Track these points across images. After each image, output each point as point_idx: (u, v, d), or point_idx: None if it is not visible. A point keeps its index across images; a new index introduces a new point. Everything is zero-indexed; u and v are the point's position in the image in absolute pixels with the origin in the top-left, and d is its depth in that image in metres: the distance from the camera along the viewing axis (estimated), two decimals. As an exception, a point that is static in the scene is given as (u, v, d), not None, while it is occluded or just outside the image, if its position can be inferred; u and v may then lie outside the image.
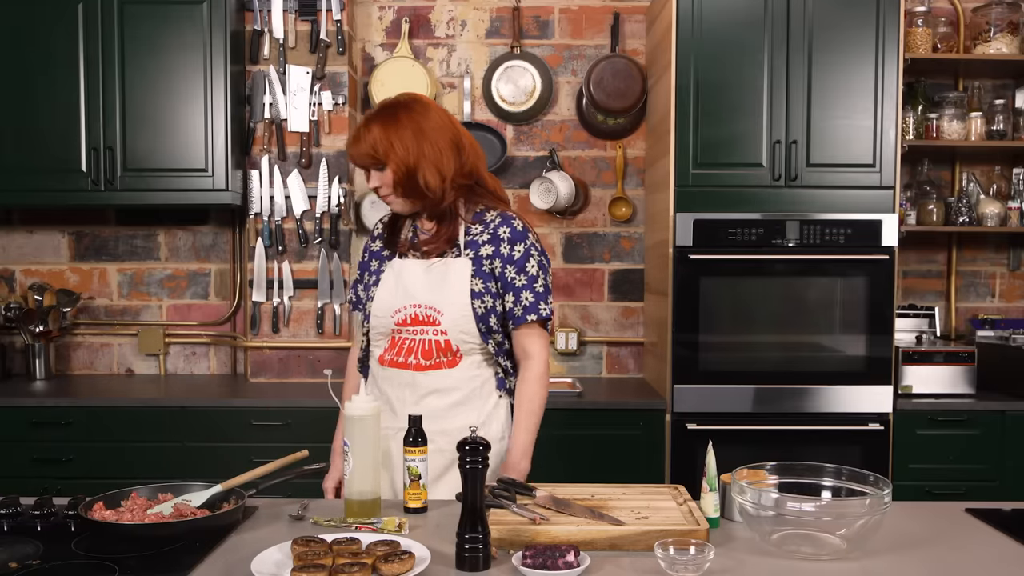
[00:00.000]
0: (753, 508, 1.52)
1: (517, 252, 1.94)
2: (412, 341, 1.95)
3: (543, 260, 1.98)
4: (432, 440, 1.83)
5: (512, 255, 1.93)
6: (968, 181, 3.59)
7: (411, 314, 1.94)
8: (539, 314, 1.93)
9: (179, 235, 3.72)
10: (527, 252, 1.94)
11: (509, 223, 1.96)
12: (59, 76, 3.26)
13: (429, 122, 1.90)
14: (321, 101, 3.46)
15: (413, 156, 1.87)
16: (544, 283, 1.96)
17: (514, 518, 1.58)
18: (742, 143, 3.09)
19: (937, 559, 1.51)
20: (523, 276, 1.94)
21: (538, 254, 1.97)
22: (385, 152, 1.87)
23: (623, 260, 3.72)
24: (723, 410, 3.10)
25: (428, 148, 1.88)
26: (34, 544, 1.54)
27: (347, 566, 1.35)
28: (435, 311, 1.92)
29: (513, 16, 3.65)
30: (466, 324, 1.91)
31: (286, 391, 3.28)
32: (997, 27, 3.40)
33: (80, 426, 3.10)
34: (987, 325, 3.53)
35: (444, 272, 1.94)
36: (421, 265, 1.96)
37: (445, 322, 1.91)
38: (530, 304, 1.93)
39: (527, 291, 1.93)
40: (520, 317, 1.94)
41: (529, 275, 1.94)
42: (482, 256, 1.94)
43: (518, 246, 1.94)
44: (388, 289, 1.97)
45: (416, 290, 1.94)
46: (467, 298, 1.91)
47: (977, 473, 3.14)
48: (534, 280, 1.94)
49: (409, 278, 1.96)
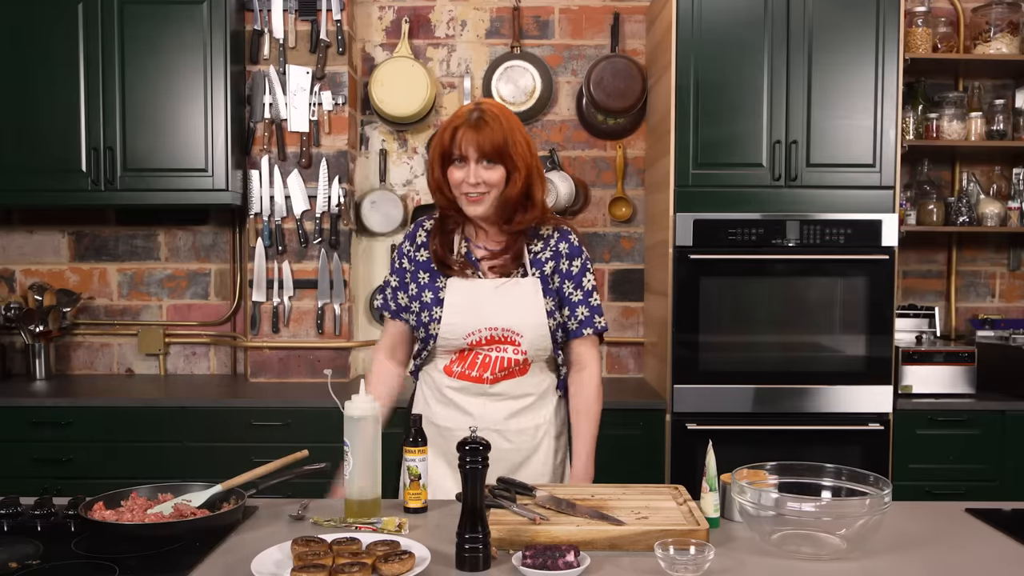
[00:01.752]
0: (753, 508, 1.52)
1: (575, 267, 1.98)
2: (488, 357, 1.95)
3: (593, 276, 2.02)
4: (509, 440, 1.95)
5: (571, 270, 1.98)
6: (968, 181, 3.59)
7: (487, 336, 1.93)
8: (595, 327, 1.99)
9: (179, 235, 3.72)
10: (583, 267, 1.99)
11: (567, 238, 1.99)
12: (59, 76, 3.26)
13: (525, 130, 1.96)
14: (321, 101, 3.46)
15: (533, 159, 1.91)
16: (597, 296, 2.01)
17: (514, 518, 1.58)
18: (742, 143, 3.09)
19: (937, 559, 1.51)
20: (579, 291, 1.98)
21: (591, 268, 2.01)
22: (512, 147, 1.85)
23: (623, 260, 3.72)
24: (723, 410, 3.10)
25: (537, 156, 1.95)
26: (34, 544, 1.54)
27: (347, 566, 1.35)
28: (514, 332, 1.92)
29: (513, 16, 3.65)
30: (544, 342, 1.95)
31: (286, 391, 3.28)
32: (997, 27, 3.40)
33: (80, 426, 3.10)
34: (987, 325, 3.53)
35: (517, 293, 1.93)
36: (489, 285, 1.93)
37: (525, 343, 1.93)
38: (585, 318, 1.98)
39: (583, 306, 1.98)
40: (576, 331, 1.98)
41: (585, 290, 1.98)
42: (547, 274, 1.96)
43: (576, 261, 1.98)
44: (458, 311, 1.92)
45: (490, 312, 1.91)
46: (544, 318, 1.93)
47: (977, 473, 3.14)
48: (589, 295, 1.98)
49: (481, 300, 1.92)
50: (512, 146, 1.85)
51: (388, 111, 3.54)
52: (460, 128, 1.85)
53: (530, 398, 1.98)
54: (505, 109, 1.94)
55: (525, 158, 1.88)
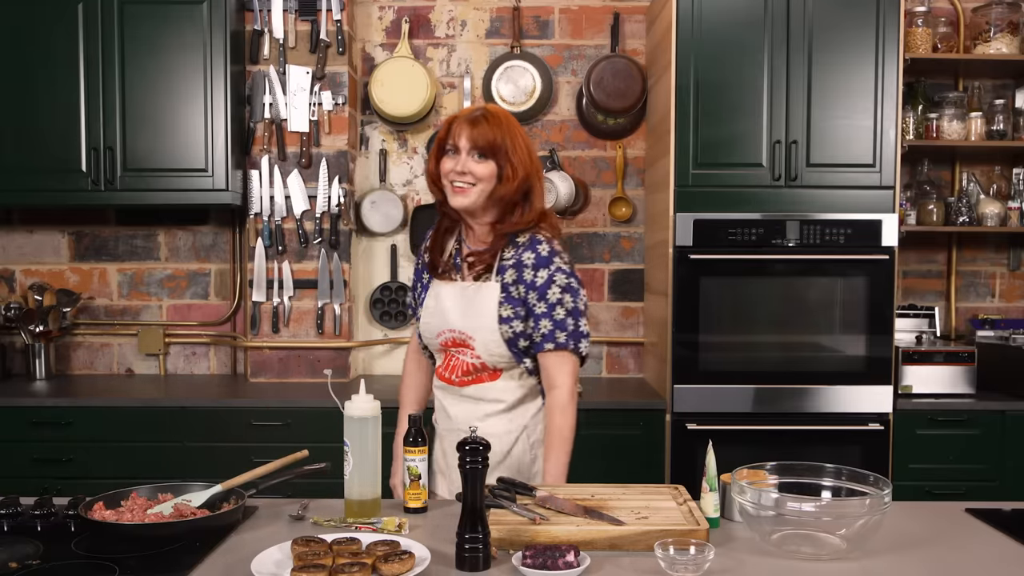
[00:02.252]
0: (753, 508, 1.52)
1: (540, 278, 1.91)
2: (455, 359, 2.00)
3: (571, 284, 1.92)
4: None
5: (535, 281, 1.91)
6: (968, 181, 3.59)
7: (449, 338, 1.99)
8: (556, 342, 1.90)
9: (179, 235, 3.72)
10: (550, 278, 1.91)
11: (534, 248, 1.93)
12: (59, 76, 3.26)
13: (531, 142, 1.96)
14: (321, 101, 3.46)
15: (534, 167, 1.93)
16: (569, 309, 1.91)
17: (514, 518, 1.58)
18: (742, 143, 3.09)
19: (937, 559, 1.51)
20: (543, 303, 1.91)
21: (565, 278, 1.92)
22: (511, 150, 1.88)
23: (623, 260, 3.72)
24: (723, 410, 3.10)
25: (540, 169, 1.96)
26: (34, 544, 1.54)
27: (347, 566, 1.35)
28: (467, 336, 1.96)
29: (513, 16, 3.65)
30: (496, 348, 1.94)
31: (286, 391, 3.28)
32: (997, 27, 3.40)
33: (80, 426, 3.10)
34: (987, 325, 3.53)
35: (475, 297, 1.95)
36: (457, 288, 1.98)
37: (477, 347, 1.95)
38: (548, 332, 1.91)
39: (546, 319, 1.91)
40: (538, 344, 1.93)
41: (549, 303, 1.91)
42: (508, 282, 1.93)
43: (541, 272, 1.91)
44: (430, 312, 2.01)
45: (451, 315, 1.97)
46: (495, 323, 1.92)
47: (977, 473, 3.14)
48: (553, 308, 1.90)
49: (446, 302, 1.98)
50: (509, 145, 1.88)
51: (388, 111, 3.54)
52: (458, 121, 1.91)
53: (501, 404, 1.98)
54: (510, 115, 1.96)
55: (523, 160, 1.89)
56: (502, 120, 1.90)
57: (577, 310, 1.93)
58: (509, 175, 1.88)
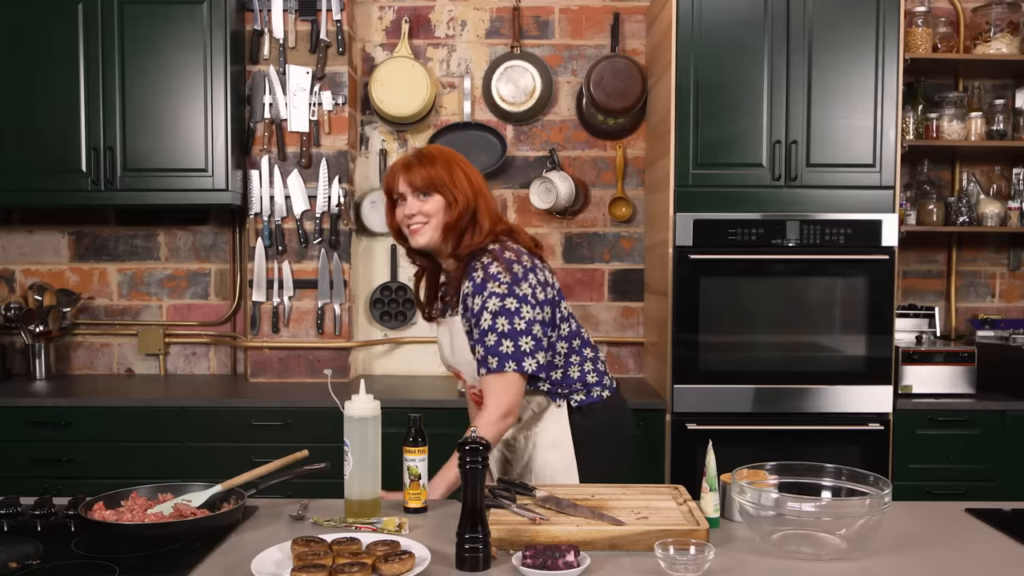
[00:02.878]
0: (753, 508, 1.52)
1: (476, 306, 1.93)
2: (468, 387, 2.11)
3: (506, 306, 1.90)
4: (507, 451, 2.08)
5: (472, 308, 1.94)
6: (968, 181, 3.59)
7: (452, 371, 2.14)
8: (488, 367, 1.90)
9: (179, 235, 3.72)
10: (483, 305, 1.91)
11: (471, 277, 1.95)
12: (59, 76, 3.26)
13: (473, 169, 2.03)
14: (321, 101, 3.46)
15: (474, 193, 1.96)
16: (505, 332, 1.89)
17: (514, 518, 1.58)
18: (742, 143, 3.09)
19: (937, 559, 1.51)
20: (477, 330, 1.93)
21: (498, 301, 1.89)
22: (450, 181, 1.94)
23: (623, 260, 3.72)
24: (723, 410, 3.10)
25: (483, 190, 2.00)
26: (34, 544, 1.54)
27: (347, 566, 1.35)
28: (457, 369, 2.08)
29: (513, 16, 3.65)
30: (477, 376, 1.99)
31: (286, 391, 3.28)
32: (997, 27, 3.40)
33: (80, 426, 3.10)
34: (987, 325, 3.53)
35: (450, 332, 2.05)
36: (445, 326, 2.08)
37: (467, 378, 2.05)
38: (480, 359, 1.93)
39: (479, 345, 1.93)
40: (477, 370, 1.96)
41: (482, 329, 1.91)
42: (462, 312, 1.99)
43: (476, 299, 1.92)
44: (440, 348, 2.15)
45: (445, 351, 2.10)
46: (470, 355, 1.98)
47: (977, 473, 3.14)
48: (485, 334, 1.90)
49: (442, 339, 2.11)
50: (446, 177, 1.95)
51: (388, 111, 3.54)
52: (394, 170, 2.00)
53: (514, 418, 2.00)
54: (443, 150, 2.03)
55: (463, 187, 1.95)
56: (435, 156, 1.98)
57: (516, 331, 1.89)
58: (452, 203, 1.94)
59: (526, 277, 1.94)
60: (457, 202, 1.93)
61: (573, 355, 2.06)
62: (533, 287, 1.94)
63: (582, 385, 2.07)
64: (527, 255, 1.99)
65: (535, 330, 1.92)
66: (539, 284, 1.97)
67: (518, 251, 1.98)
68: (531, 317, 1.92)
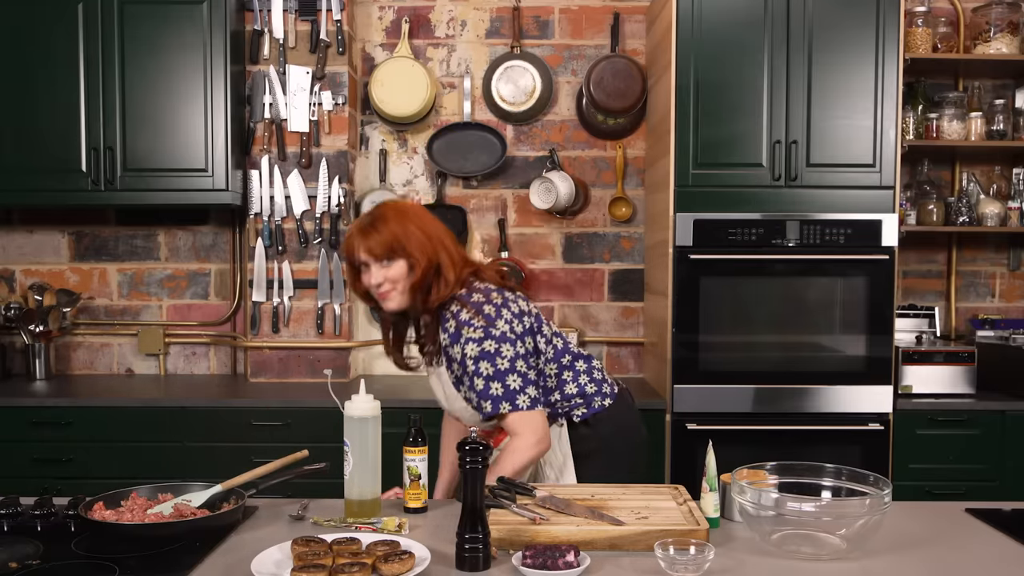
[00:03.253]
0: (753, 508, 1.52)
1: (457, 354, 1.92)
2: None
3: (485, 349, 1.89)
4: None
5: (455, 357, 1.93)
6: (968, 181, 3.59)
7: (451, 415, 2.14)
8: (484, 412, 1.90)
9: (179, 235, 3.72)
10: (463, 352, 1.90)
11: (445, 328, 1.94)
12: (59, 76, 3.26)
13: (429, 218, 1.99)
14: (321, 101, 3.46)
15: (434, 248, 1.93)
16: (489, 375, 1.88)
17: (514, 518, 1.58)
18: (742, 143, 3.09)
19: (937, 559, 1.51)
20: (466, 377, 1.93)
21: (476, 346, 1.89)
22: (408, 244, 1.90)
23: (623, 260, 3.72)
24: (723, 410, 3.10)
25: (442, 239, 1.96)
26: (34, 544, 1.54)
27: (347, 566, 1.35)
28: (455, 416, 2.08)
29: (513, 16, 3.65)
30: (474, 418, 1.98)
31: (286, 391, 3.28)
32: (997, 27, 3.40)
33: (80, 426, 3.10)
34: (987, 325, 3.53)
35: (440, 382, 2.03)
36: (433, 377, 2.06)
37: (467, 422, 2.04)
38: (476, 405, 1.93)
39: (470, 391, 1.93)
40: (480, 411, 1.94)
41: (469, 375, 1.91)
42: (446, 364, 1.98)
43: (456, 348, 1.92)
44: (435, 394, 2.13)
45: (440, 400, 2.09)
46: (463, 401, 1.99)
47: (977, 473, 3.14)
48: (473, 380, 1.90)
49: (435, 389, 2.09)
50: (403, 239, 1.91)
51: (388, 111, 3.54)
52: (352, 236, 1.95)
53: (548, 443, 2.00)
54: (396, 205, 1.99)
55: (422, 245, 1.91)
56: (388, 215, 1.94)
57: (500, 371, 1.88)
58: (415, 264, 1.91)
59: (499, 315, 1.92)
60: (419, 263, 1.90)
61: (565, 372, 2.06)
62: (509, 322, 1.92)
63: (582, 399, 2.06)
64: (496, 291, 1.97)
65: (519, 366, 1.91)
66: (514, 317, 1.94)
67: (486, 290, 1.96)
68: (513, 354, 1.90)
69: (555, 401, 2.04)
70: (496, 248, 3.68)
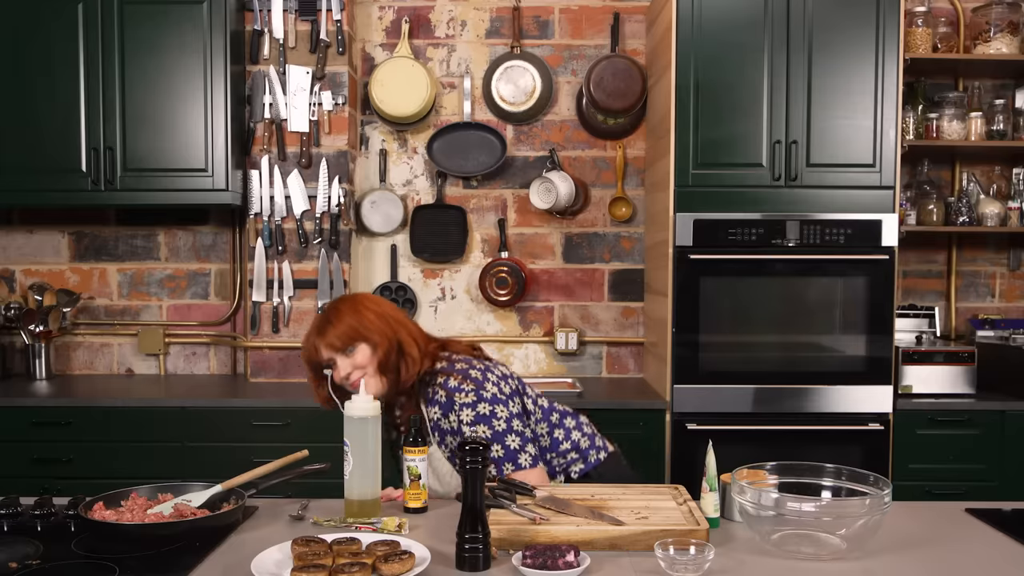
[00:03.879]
0: (753, 508, 1.52)
1: (452, 423, 1.91)
2: None
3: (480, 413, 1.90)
4: None
5: (451, 428, 1.92)
6: (968, 181, 3.59)
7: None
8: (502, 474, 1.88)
9: (179, 235, 3.72)
10: (459, 420, 1.90)
11: (434, 402, 1.94)
12: (59, 76, 3.26)
13: (383, 302, 2.02)
14: (321, 101, 3.46)
15: (392, 328, 1.94)
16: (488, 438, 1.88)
17: (514, 518, 1.58)
18: (742, 143, 3.09)
19: (937, 559, 1.51)
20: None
21: (471, 411, 1.90)
22: (365, 328, 1.92)
23: (623, 260, 3.72)
24: (723, 410, 3.10)
25: (399, 319, 1.98)
26: (34, 544, 1.54)
27: (347, 566, 1.35)
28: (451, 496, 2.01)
29: (513, 16, 3.65)
30: None
31: (286, 391, 3.28)
32: (997, 27, 3.40)
33: (80, 426, 3.10)
34: (987, 325, 3.53)
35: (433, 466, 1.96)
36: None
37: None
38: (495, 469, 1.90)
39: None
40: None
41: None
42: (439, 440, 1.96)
43: (451, 417, 1.91)
44: None
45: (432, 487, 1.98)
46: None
47: (977, 473, 3.14)
48: None
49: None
50: (358, 325, 1.93)
51: (388, 111, 3.54)
52: (311, 341, 1.96)
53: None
54: (348, 297, 2.03)
55: (379, 328, 1.94)
56: (340, 308, 1.97)
57: (498, 433, 1.89)
58: (377, 345, 1.92)
59: (486, 378, 1.94)
60: (380, 343, 1.91)
61: (556, 430, 2.06)
62: (496, 383, 1.94)
63: (577, 453, 2.07)
64: (475, 359, 2.00)
65: (515, 426, 1.92)
66: (500, 379, 1.96)
67: (466, 359, 1.98)
68: (507, 414, 1.92)
69: (551, 459, 2.05)
70: (496, 248, 3.68)
